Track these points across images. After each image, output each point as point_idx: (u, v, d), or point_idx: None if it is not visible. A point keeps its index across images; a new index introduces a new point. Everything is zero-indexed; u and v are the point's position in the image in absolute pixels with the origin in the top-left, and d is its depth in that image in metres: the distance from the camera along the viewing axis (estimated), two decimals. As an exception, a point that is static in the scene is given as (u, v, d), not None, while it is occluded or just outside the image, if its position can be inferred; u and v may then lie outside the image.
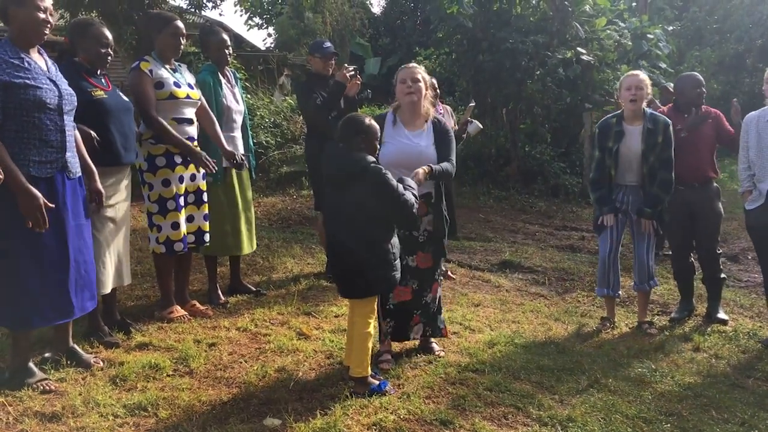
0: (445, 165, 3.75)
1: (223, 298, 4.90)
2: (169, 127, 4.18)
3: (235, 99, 4.85)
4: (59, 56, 3.91)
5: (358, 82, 5.31)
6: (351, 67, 5.28)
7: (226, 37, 4.81)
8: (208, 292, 4.96)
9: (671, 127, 4.64)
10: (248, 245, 5.01)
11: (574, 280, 6.41)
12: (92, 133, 3.65)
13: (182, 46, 4.39)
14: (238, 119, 4.89)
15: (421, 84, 3.81)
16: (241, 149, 4.90)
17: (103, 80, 3.91)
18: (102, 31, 3.88)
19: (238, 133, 4.89)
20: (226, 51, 4.80)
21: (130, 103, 4.07)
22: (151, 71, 4.20)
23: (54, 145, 3.19)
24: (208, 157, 4.31)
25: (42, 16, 3.15)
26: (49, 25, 3.20)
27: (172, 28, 4.32)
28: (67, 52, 3.91)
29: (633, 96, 4.57)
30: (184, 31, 4.38)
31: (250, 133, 5.14)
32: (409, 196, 3.28)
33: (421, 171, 3.56)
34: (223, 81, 4.78)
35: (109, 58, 3.92)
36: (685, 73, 5.35)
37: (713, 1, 22.18)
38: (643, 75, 4.72)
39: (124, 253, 4.06)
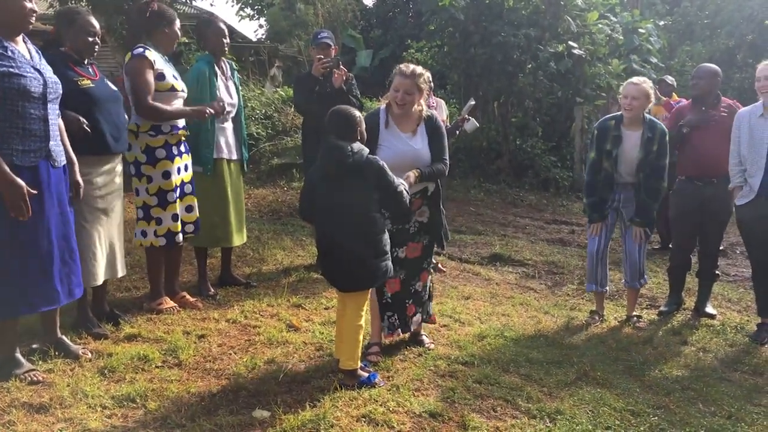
0: (436, 166, 3.79)
1: (212, 289, 4.88)
2: (162, 106, 4.16)
3: (228, 91, 4.81)
4: (45, 46, 3.86)
5: (342, 74, 5.28)
6: (326, 59, 5.25)
7: (223, 26, 4.79)
8: (198, 283, 4.94)
9: (668, 136, 4.66)
10: (238, 237, 4.98)
11: (564, 273, 6.44)
12: (81, 118, 3.61)
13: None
14: (231, 111, 4.86)
15: (415, 96, 3.79)
16: (232, 140, 4.87)
17: (90, 69, 3.87)
18: (89, 20, 3.83)
19: (229, 125, 4.84)
20: (224, 40, 4.76)
21: (119, 93, 4.03)
22: (155, 61, 4.19)
23: (37, 134, 3.16)
24: (210, 105, 4.38)
25: (29, 5, 3.12)
26: (34, 14, 3.17)
27: (174, 25, 4.33)
28: (54, 41, 3.86)
29: (628, 105, 4.58)
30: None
31: (244, 125, 5.12)
32: (403, 190, 3.34)
33: (412, 175, 3.61)
34: (218, 72, 4.75)
35: (96, 47, 3.88)
36: (701, 64, 5.33)
37: (704, -3, 22.23)
38: (644, 84, 4.63)
39: (118, 245, 4.03)
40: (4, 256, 3.10)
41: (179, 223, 4.32)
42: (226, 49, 4.80)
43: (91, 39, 3.82)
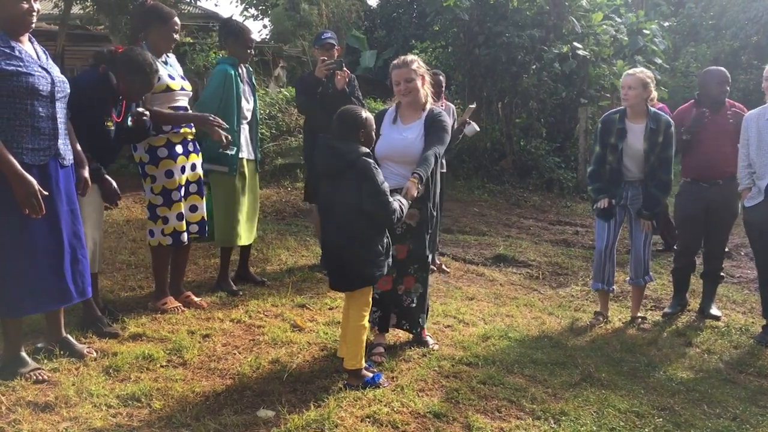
0: (424, 156, 3.67)
1: (235, 287, 4.95)
2: (162, 111, 4.19)
3: (245, 96, 4.89)
4: (98, 60, 3.82)
5: (345, 75, 5.31)
6: (329, 61, 5.28)
7: (252, 37, 4.92)
8: (218, 281, 5.00)
9: (673, 127, 4.65)
10: (247, 237, 5.02)
11: (568, 274, 6.43)
12: (113, 184, 3.76)
13: (175, 43, 4.43)
14: (248, 116, 4.95)
15: (416, 82, 3.80)
16: (248, 141, 4.96)
17: (119, 108, 3.87)
18: (152, 80, 3.83)
19: (245, 126, 4.93)
20: (250, 52, 4.91)
21: (132, 134, 4.04)
22: None
23: (45, 133, 3.18)
24: (215, 118, 4.33)
25: (25, 6, 3.13)
26: (34, 13, 3.17)
27: (171, 24, 4.32)
28: (109, 63, 3.80)
29: (624, 95, 4.60)
30: (179, 27, 4.42)
31: (258, 126, 5.22)
32: (396, 204, 3.28)
33: (413, 188, 3.52)
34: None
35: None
36: (712, 67, 5.24)
37: (709, -2, 22.19)
38: (640, 74, 4.64)
39: (98, 241, 4.03)
40: (12, 255, 3.12)
41: (184, 222, 4.35)
42: (249, 59, 4.95)
43: (142, 94, 3.87)
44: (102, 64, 3.79)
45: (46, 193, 3.13)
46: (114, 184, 3.81)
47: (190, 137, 4.41)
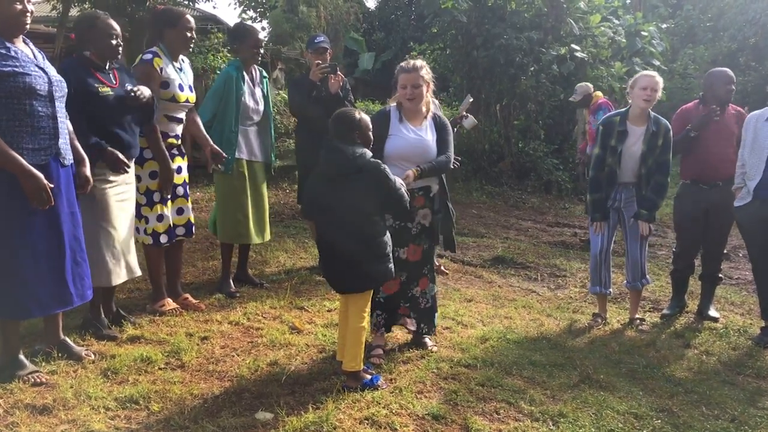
0: (438, 159, 3.82)
1: (234, 287, 4.95)
2: (161, 140, 4.18)
3: (253, 98, 4.93)
4: (69, 51, 3.89)
5: (339, 80, 5.32)
6: (323, 65, 5.29)
7: (259, 38, 4.95)
8: (220, 281, 5.01)
9: (671, 132, 4.65)
10: (258, 236, 5.09)
11: (566, 276, 6.43)
12: (119, 155, 3.71)
13: (192, 42, 4.43)
14: (255, 117, 4.98)
15: (423, 88, 3.84)
16: (256, 143, 5.02)
17: (111, 75, 3.85)
18: (109, 22, 3.80)
19: (252, 128, 4.99)
20: (256, 52, 4.92)
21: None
22: (161, 69, 4.20)
23: (46, 132, 3.18)
24: (171, 180, 4.28)
25: (19, 7, 3.13)
26: (28, 14, 3.18)
27: (182, 25, 4.32)
28: (77, 47, 3.83)
29: (648, 96, 4.55)
30: (193, 25, 4.43)
31: (272, 128, 5.27)
32: (404, 191, 3.36)
33: (411, 173, 3.65)
34: (247, 78, 4.89)
35: (120, 48, 3.87)
36: (717, 69, 5.21)
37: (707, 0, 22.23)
38: (659, 77, 4.66)
39: (132, 244, 4.03)
40: (15, 258, 3.11)
41: (164, 224, 4.32)
42: (258, 59, 4.98)
43: (114, 42, 3.79)
44: (71, 53, 3.83)
45: (52, 185, 3.13)
46: (119, 154, 3.72)
47: (175, 143, 4.41)
